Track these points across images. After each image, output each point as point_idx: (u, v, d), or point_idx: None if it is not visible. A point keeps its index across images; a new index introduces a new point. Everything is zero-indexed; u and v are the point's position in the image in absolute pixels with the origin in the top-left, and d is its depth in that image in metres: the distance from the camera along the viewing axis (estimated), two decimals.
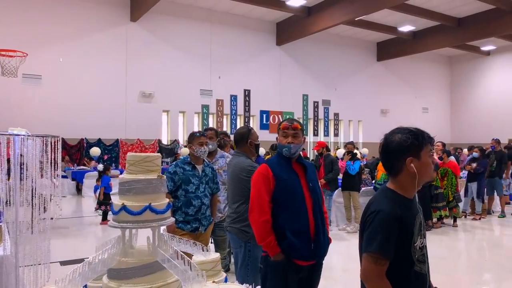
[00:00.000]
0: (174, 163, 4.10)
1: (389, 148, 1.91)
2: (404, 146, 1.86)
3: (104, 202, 8.58)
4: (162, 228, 2.08)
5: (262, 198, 2.77)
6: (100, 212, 8.66)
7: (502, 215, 9.70)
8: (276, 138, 2.97)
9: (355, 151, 8.93)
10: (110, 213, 8.80)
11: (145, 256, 1.83)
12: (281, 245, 2.70)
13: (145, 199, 1.87)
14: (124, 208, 1.83)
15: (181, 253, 1.88)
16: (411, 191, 1.92)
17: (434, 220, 8.48)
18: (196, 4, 16.91)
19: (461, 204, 9.12)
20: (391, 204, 1.83)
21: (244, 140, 3.62)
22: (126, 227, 1.84)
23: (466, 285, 5.33)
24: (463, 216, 9.58)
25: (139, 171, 1.93)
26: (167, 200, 1.98)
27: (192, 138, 4.05)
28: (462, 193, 10.04)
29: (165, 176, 2.02)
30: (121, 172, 8.44)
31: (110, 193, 8.66)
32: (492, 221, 9.44)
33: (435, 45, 19.63)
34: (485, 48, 22.43)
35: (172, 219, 2.00)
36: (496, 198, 10.22)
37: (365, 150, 16.16)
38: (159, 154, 2.08)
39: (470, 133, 22.48)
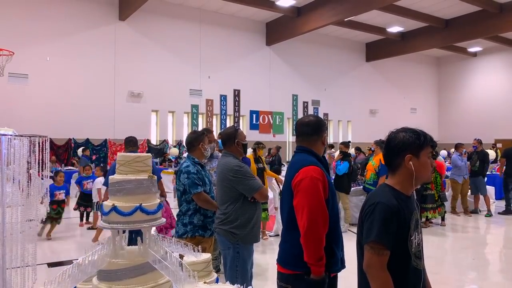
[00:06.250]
0: (187, 163, 3.85)
1: (391, 144, 2.00)
2: (405, 143, 1.95)
3: (82, 203, 8.48)
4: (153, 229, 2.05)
5: (324, 208, 2.38)
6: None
7: (489, 214, 9.84)
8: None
9: (354, 151, 8.95)
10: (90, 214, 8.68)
11: (136, 257, 1.81)
12: (327, 262, 2.38)
13: (136, 200, 1.85)
14: (114, 208, 1.81)
15: (172, 253, 1.86)
16: (408, 188, 1.99)
17: (422, 219, 8.56)
18: (185, 3, 16.84)
19: (447, 204, 9.25)
20: (389, 197, 1.92)
21: (232, 140, 3.60)
22: (116, 228, 1.82)
23: (453, 283, 5.39)
24: (457, 215, 9.79)
25: (129, 172, 1.91)
26: (158, 200, 1.96)
27: (202, 137, 3.99)
28: (449, 192, 10.18)
29: (155, 177, 2.00)
30: (109, 174, 8.27)
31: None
32: (479, 220, 9.56)
33: (423, 46, 19.86)
34: (472, 50, 22.75)
35: (163, 220, 1.98)
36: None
37: (353, 150, 16.24)
38: (149, 154, 2.07)
39: (457, 133, 22.75)
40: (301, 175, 2.43)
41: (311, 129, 2.61)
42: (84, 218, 8.73)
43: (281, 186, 7.60)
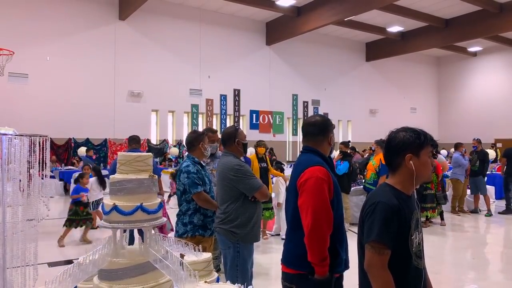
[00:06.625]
0: (187, 162, 3.84)
1: (392, 144, 2.00)
2: (405, 143, 1.95)
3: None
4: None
5: (329, 208, 2.39)
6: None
7: (489, 213, 9.84)
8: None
9: (349, 151, 8.93)
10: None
11: (137, 257, 1.81)
12: (331, 263, 2.38)
13: (137, 199, 1.85)
14: (115, 208, 1.81)
15: (173, 253, 1.87)
16: (409, 187, 1.99)
17: (422, 219, 8.57)
18: (185, 3, 16.84)
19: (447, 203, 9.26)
20: (389, 196, 1.91)
21: (232, 139, 3.61)
22: (117, 227, 1.82)
23: (453, 283, 5.39)
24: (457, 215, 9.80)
25: (130, 171, 1.91)
26: (159, 200, 1.96)
27: (202, 136, 3.99)
28: (449, 192, 10.18)
29: (156, 176, 2.00)
30: (109, 172, 8.23)
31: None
32: (479, 219, 9.57)
33: (423, 45, 19.86)
34: (472, 49, 22.75)
35: (164, 219, 1.98)
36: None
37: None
38: (150, 153, 2.06)
39: (457, 133, 22.74)
40: (306, 175, 2.43)
41: (317, 129, 2.61)
42: None
43: (287, 183, 7.62)
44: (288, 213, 2.60)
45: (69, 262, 5.34)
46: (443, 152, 15.42)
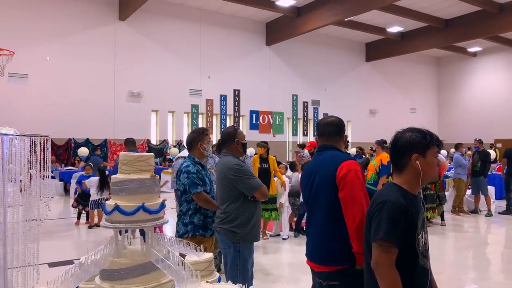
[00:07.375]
0: (187, 163, 3.82)
1: (398, 144, 2.03)
2: (412, 143, 1.97)
3: (81, 202, 8.56)
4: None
5: (368, 198, 2.49)
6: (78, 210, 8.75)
7: (489, 213, 9.85)
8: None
9: (348, 151, 8.92)
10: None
11: (139, 257, 1.81)
12: None
13: (138, 199, 1.85)
14: (117, 208, 1.81)
15: (175, 253, 1.86)
16: (415, 187, 2.01)
17: None
18: (185, 3, 16.84)
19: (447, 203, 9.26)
20: (397, 196, 1.93)
21: (231, 139, 3.62)
22: (119, 227, 1.82)
23: (454, 283, 5.39)
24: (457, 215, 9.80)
25: (132, 171, 1.91)
26: (161, 200, 1.96)
27: (201, 136, 3.94)
28: (449, 192, 10.18)
29: (158, 176, 2.00)
30: (109, 172, 8.23)
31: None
32: (479, 220, 9.57)
33: (423, 46, 19.85)
34: (472, 50, 22.75)
35: (166, 219, 1.98)
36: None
37: (353, 150, 16.24)
38: (152, 154, 2.06)
39: (457, 133, 22.74)
40: (345, 169, 2.52)
41: (334, 128, 2.76)
42: (84, 218, 8.75)
43: (287, 189, 7.56)
44: (317, 209, 2.62)
45: (70, 262, 5.34)
46: (443, 152, 15.42)
